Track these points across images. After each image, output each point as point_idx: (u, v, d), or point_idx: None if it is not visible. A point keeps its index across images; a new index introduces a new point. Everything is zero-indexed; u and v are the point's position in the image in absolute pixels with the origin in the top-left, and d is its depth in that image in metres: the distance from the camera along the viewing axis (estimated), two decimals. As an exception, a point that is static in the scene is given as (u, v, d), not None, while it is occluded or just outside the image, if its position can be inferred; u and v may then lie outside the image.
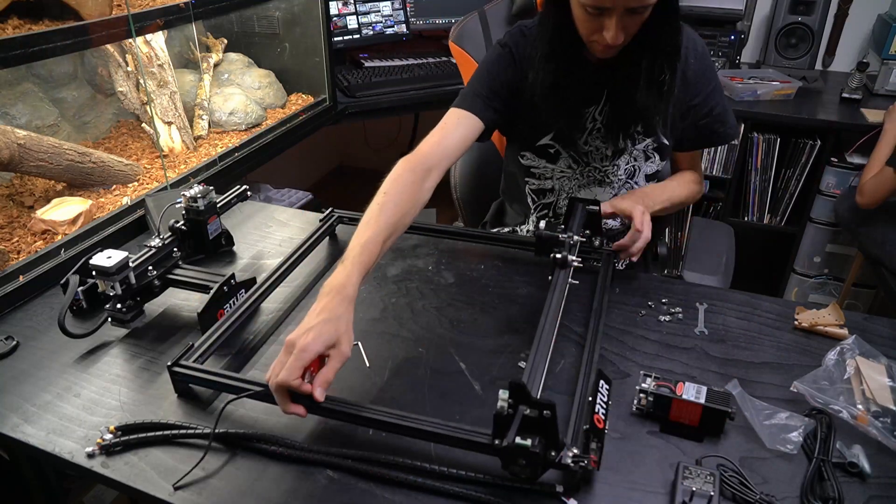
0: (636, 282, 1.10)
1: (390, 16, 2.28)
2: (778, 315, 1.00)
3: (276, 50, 2.01)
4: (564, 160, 1.19)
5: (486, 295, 1.06)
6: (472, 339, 0.96)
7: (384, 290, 1.08)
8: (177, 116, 1.61)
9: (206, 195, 1.13)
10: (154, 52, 1.53)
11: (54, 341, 0.96)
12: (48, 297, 1.10)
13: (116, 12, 1.31)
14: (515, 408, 0.66)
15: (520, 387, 0.66)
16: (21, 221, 1.27)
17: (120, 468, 0.76)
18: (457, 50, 1.47)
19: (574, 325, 0.99)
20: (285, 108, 1.94)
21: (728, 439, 0.78)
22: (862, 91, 2.07)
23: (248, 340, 0.97)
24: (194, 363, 0.85)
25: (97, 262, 0.94)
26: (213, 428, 0.77)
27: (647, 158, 1.20)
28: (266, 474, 0.74)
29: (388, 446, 0.77)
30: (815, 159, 2.09)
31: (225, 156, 1.58)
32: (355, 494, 0.72)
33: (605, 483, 0.72)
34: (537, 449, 0.65)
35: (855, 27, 2.30)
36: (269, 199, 1.96)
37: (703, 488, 0.68)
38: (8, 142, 1.21)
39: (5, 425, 0.82)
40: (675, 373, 0.89)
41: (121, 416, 0.83)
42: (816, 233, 2.17)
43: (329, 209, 1.25)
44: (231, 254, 1.21)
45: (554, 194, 1.24)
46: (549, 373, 0.89)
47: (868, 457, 0.74)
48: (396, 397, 0.85)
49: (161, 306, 1.05)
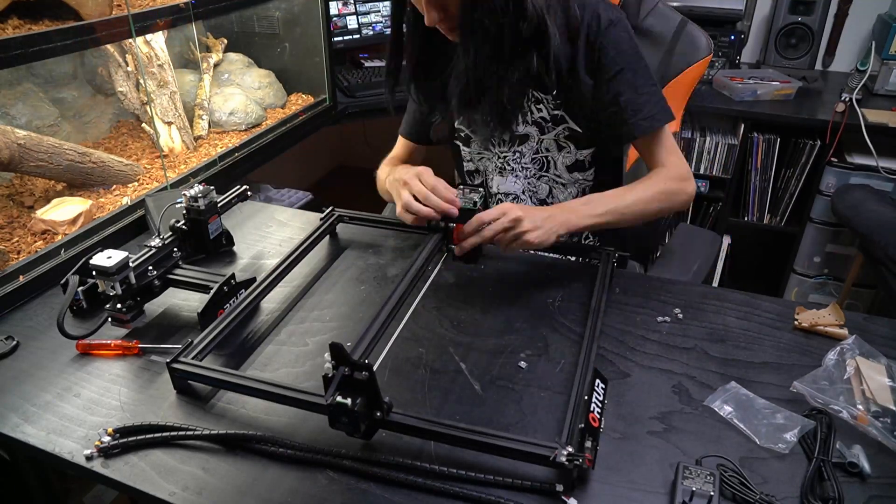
0: (636, 281, 1.10)
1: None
2: (778, 315, 1.00)
3: (276, 50, 2.01)
4: (476, 143, 1.21)
5: (486, 295, 1.06)
6: (472, 339, 0.96)
7: (384, 289, 1.08)
8: (177, 116, 1.61)
9: (207, 195, 1.13)
10: (154, 52, 1.53)
11: (54, 341, 0.96)
12: (48, 297, 1.10)
13: (116, 12, 1.31)
14: (338, 369, 0.71)
15: (338, 348, 0.69)
16: (21, 221, 1.27)
17: (120, 468, 0.76)
18: None
19: (573, 324, 0.99)
20: (285, 108, 1.94)
21: (728, 439, 0.78)
22: (862, 91, 2.07)
23: (248, 338, 0.97)
24: (193, 360, 0.85)
25: (97, 262, 0.94)
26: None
27: (560, 148, 1.15)
28: (266, 474, 0.74)
29: (388, 446, 0.77)
30: (815, 159, 2.10)
31: (225, 156, 1.58)
32: (355, 494, 0.72)
33: (605, 483, 0.72)
34: (357, 407, 0.70)
35: (855, 27, 2.30)
36: (269, 199, 1.96)
37: (703, 488, 0.68)
38: (8, 142, 1.21)
39: (5, 425, 0.82)
40: (675, 373, 0.89)
41: (121, 416, 0.83)
42: (816, 233, 2.17)
43: (330, 208, 1.25)
44: (231, 254, 1.21)
45: (481, 175, 1.26)
46: (548, 372, 0.89)
47: (868, 457, 0.74)
48: (396, 397, 0.85)
49: (161, 306, 1.05)
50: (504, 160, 1.16)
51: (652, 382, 0.87)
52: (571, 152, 1.15)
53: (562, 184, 1.21)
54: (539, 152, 1.15)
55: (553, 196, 1.23)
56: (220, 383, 0.84)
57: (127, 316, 0.96)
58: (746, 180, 2.23)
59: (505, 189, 1.23)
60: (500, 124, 1.09)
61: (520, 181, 1.19)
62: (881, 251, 1.72)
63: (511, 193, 1.23)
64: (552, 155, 1.16)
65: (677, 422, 0.81)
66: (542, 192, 1.23)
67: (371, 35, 2.25)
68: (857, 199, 1.86)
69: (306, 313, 1.03)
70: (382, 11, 2.26)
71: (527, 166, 1.16)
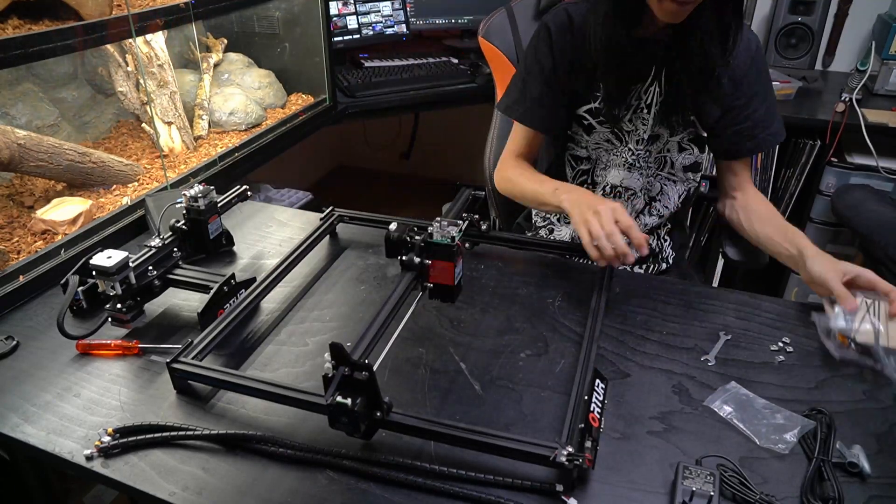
0: (636, 282, 1.10)
1: (390, 16, 2.28)
2: (778, 315, 1.00)
3: (276, 50, 2.01)
4: (600, 133, 1.19)
5: (486, 295, 1.06)
6: (472, 339, 0.96)
7: (384, 289, 1.08)
8: (177, 116, 1.61)
9: (207, 195, 1.13)
10: (154, 52, 1.53)
11: (54, 341, 0.96)
12: (48, 297, 1.10)
13: (116, 12, 1.31)
14: (338, 369, 0.71)
15: (338, 348, 0.69)
16: (21, 221, 1.27)
17: (120, 468, 0.76)
18: (486, 45, 1.49)
19: (573, 324, 0.99)
20: (285, 108, 1.94)
21: (728, 439, 0.78)
22: (862, 91, 2.07)
23: (248, 338, 0.97)
24: (193, 360, 0.85)
25: (97, 262, 0.94)
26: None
27: (681, 150, 1.18)
28: (266, 474, 0.74)
29: (388, 446, 0.77)
30: (815, 159, 2.09)
31: (225, 156, 1.58)
32: (355, 494, 0.72)
33: (606, 483, 0.72)
34: (356, 407, 0.70)
35: (855, 27, 2.30)
36: (269, 199, 1.96)
37: (703, 488, 0.68)
38: (8, 142, 1.21)
39: (5, 425, 0.82)
40: (675, 373, 0.89)
41: (121, 416, 0.83)
42: (816, 233, 2.17)
43: (330, 207, 1.25)
44: (231, 254, 1.21)
45: (591, 162, 1.24)
46: (548, 372, 0.89)
47: (868, 457, 0.74)
48: (396, 397, 0.85)
49: (161, 306, 1.05)
50: (636, 157, 1.17)
51: (652, 382, 0.87)
52: (693, 154, 1.19)
53: (673, 181, 1.23)
54: (662, 152, 1.18)
55: (663, 193, 1.24)
56: (220, 383, 0.84)
57: (127, 316, 0.96)
58: (746, 180, 2.23)
59: (627, 184, 1.22)
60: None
61: (642, 178, 1.21)
62: (881, 251, 1.72)
63: (630, 189, 1.23)
64: (672, 155, 1.19)
65: (677, 422, 0.81)
66: (654, 190, 1.24)
67: (371, 35, 2.25)
68: (857, 199, 1.86)
69: (306, 313, 1.03)
70: (383, 11, 2.26)
71: (650, 165, 1.19)
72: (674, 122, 1.15)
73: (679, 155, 1.19)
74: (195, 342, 0.88)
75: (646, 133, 1.16)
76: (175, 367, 0.84)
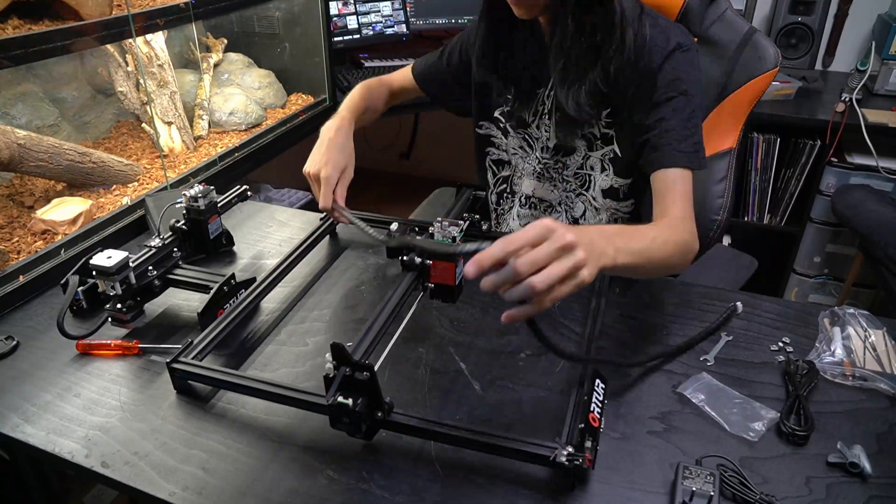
0: (636, 281, 1.10)
1: (390, 16, 2.28)
2: (778, 315, 1.00)
3: (276, 50, 2.01)
4: (514, 139, 1.18)
5: (486, 295, 1.06)
6: (473, 339, 0.96)
7: (384, 290, 1.08)
8: (177, 116, 1.61)
9: (207, 195, 1.13)
10: (154, 52, 1.53)
11: (54, 341, 0.96)
12: (48, 297, 1.10)
13: (116, 12, 1.31)
14: (339, 369, 0.71)
15: (340, 348, 0.69)
16: (21, 221, 1.27)
17: (120, 468, 0.76)
18: None
19: (573, 324, 0.99)
20: (285, 108, 1.94)
21: (728, 439, 0.78)
22: (862, 91, 2.07)
23: (248, 338, 0.97)
24: (193, 360, 0.85)
25: (97, 262, 0.94)
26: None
27: (602, 169, 1.09)
28: (266, 474, 0.74)
29: (388, 446, 0.77)
30: (815, 159, 2.10)
31: (225, 156, 1.58)
32: (355, 494, 0.72)
33: (605, 483, 0.72)
34: (358, 408, 0.70)
35: (855, 27, 2.30)
36: (269, 199, 1.96)
37: (703, 488, 0.68)
38: (8, 142, 1.21)
39: (5, 425, 0.83)
40: (675, 373, 0.89)
41: (121, 416, 0.83)
42: (816, 233, 2.17)
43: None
44: (231, 254, 1.21)
45: (510, 167, 1.23)
46: (548, 372, 0.89)
47: (868, 457, 0.74)
48: (396, 397, 0.85)
49: (161, 306, 1.05)
50: (544, 166, 1.12)
51: (652, 382, 0.87)
52: (609, 176, 1.09)
53: (595, 208, 1.15)
54: (583, 168, 1.11)
55: (585, 219, 1.16)
56: (220, 383, 0.84)
57: (127, 316, 0.96)
58: (746, 180, 2.23)
59: (540, 195, 1.17)
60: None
61: (557, 191, 1.14)
62: (881, 251, 1.72)
63: (546, 201, 1.17)
64: (595, 175, 1.10)
65: (677, 422, 0.81)
66: (577, 211, 1.16)
67: (371, 35, 2.25)
68: (857, 199, 1.86)
69: (306, 313, 1.03)
70: (383, 11, 2.26)
71: (568, 179, 1.12)
72: (580, 132, 1.07)
73: (600, 175, 1.10)
74: (195, 342, 0.88)
75: (549, 141, 1.12)
76: (175, 367, 0.84)
